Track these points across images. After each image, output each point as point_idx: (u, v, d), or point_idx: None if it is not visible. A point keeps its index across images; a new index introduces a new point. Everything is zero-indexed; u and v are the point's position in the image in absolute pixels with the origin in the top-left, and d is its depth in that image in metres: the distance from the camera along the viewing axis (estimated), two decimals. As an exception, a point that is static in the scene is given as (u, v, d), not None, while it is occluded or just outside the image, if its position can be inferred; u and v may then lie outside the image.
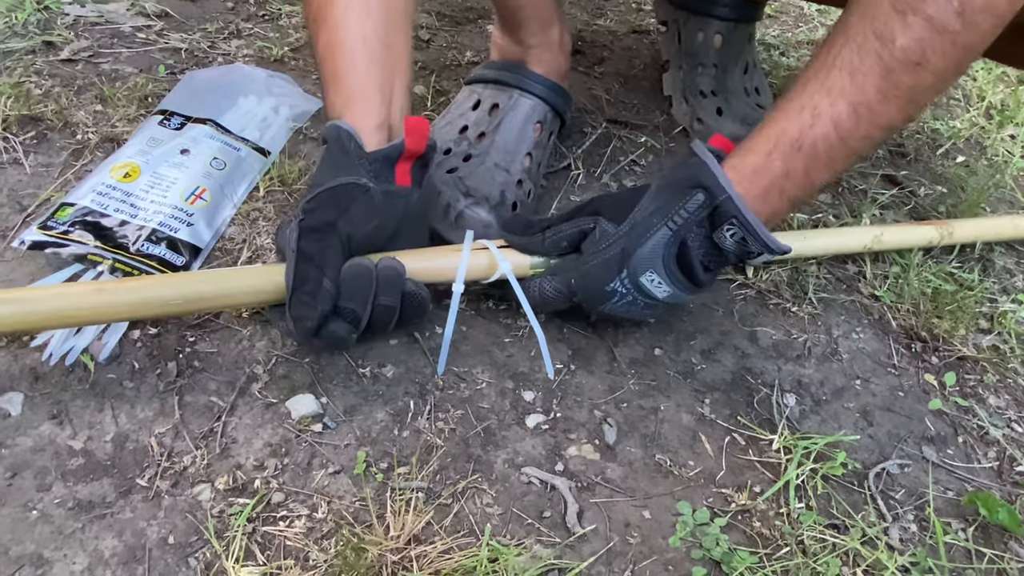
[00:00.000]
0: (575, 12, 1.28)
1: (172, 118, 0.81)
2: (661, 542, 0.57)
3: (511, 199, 0.77)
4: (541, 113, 0.82)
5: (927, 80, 0.54)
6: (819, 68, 0.57)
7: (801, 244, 0.77)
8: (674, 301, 0.64)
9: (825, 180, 0.60)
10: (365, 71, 0.63)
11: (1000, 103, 1.27)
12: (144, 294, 0.57)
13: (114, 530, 0.52)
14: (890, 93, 0.54)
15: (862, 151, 0.59)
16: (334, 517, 0.55)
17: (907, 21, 0.52)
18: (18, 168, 0.77)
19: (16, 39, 0.93)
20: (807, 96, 0.57)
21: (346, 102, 0.63)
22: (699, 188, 0.60)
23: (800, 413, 0.69)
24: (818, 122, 0.56)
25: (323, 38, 0.64)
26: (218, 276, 0.61)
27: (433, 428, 0.62)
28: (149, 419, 0.59)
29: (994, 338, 0.81)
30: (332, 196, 0.60)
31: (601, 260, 0.63)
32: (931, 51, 0.52)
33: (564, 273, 0.65)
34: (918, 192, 1.01)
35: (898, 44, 0.53)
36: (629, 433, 0.65)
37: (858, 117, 0.56)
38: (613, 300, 0.64)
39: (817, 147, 0.57)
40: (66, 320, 0.56)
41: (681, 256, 0.62)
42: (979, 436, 0.71)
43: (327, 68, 0.64)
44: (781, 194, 0.60)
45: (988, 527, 0.63)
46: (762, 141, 0.59)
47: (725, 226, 0.59)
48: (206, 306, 0.61)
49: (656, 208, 0.62)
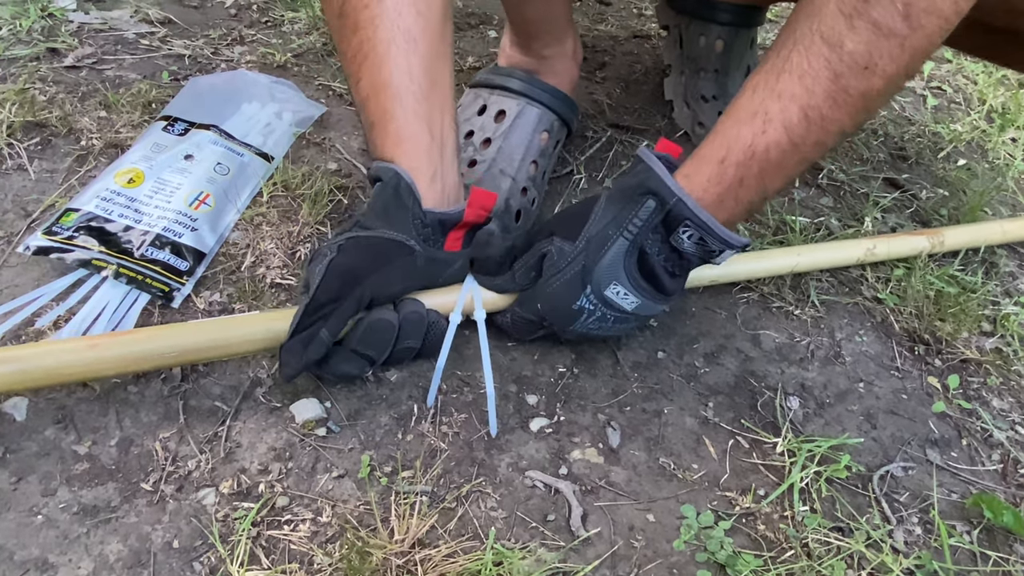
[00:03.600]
0: (576, 18, 1.28)
1: (176, 124, 0.81)
2: (665, 545, 0.57)
3: (515, 207, 0.77)
4: (548, 122, 0.83)
5: (877, 84, 0.53)
6: (769, 72, 0.56)
7: (795, 260, 0.78)
8: (645, 312, 0.63)
9: (780, 186, 0.59)
10: (414, 111, 0.61)
11: (1001, 106, 1.27)
12: (138, 348, 0.56)
13: (119, 534, 0.52)
14: (840, 98, 0.54)
15: (815, 157, 0.58)
16: (338, 521, 0.55)
17: (854, 25, 0.51)
18: (23, 174, 0.77)
19: (21, 46, 0.93)
20: (758, 101, 0.56)
21: (396, 143, 0.61)
22: (649, 194, 0.59)
23: (803, 416, 0.69)
24: (770, 128, 0.56)
25: (367, 75, 0.61)
26: (213, 326, 0.59)
27: (437, 432, 0.62)
28: (154, 424, 0.59)
29: (997, 341, 0.81)
30: (372, 248, 0.59)
31: (563, 280, 0.62)
32: (879, 55, 0.52)
33: (530, 300, 0.65)
34: (920, 195, 1.01)
35: (846, 49, 0.52)
36: (633, 436, 0.65)
37: (809, 122, 0.55)
38: (582, 318, 0.63)
39: (770, 153, 0.56)
40: (61, 378, 0.55)
41: (643, 264, 0.61)
42: (983, 439, 0.71)
43: (372, 107, 0.62)
44: (736, 201, 0.59)
45: (993, 530, 0.63)
46: (715, 148, 0.58)
47: (680, 229, 0.58)
48: (202, 357, 0.59)
49: (609, 220, 0.61)
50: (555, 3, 0.82)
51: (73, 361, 0.54)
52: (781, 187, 0.60)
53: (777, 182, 0.59)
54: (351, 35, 0.61)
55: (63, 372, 0.54)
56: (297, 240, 0.75)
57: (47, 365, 0.53)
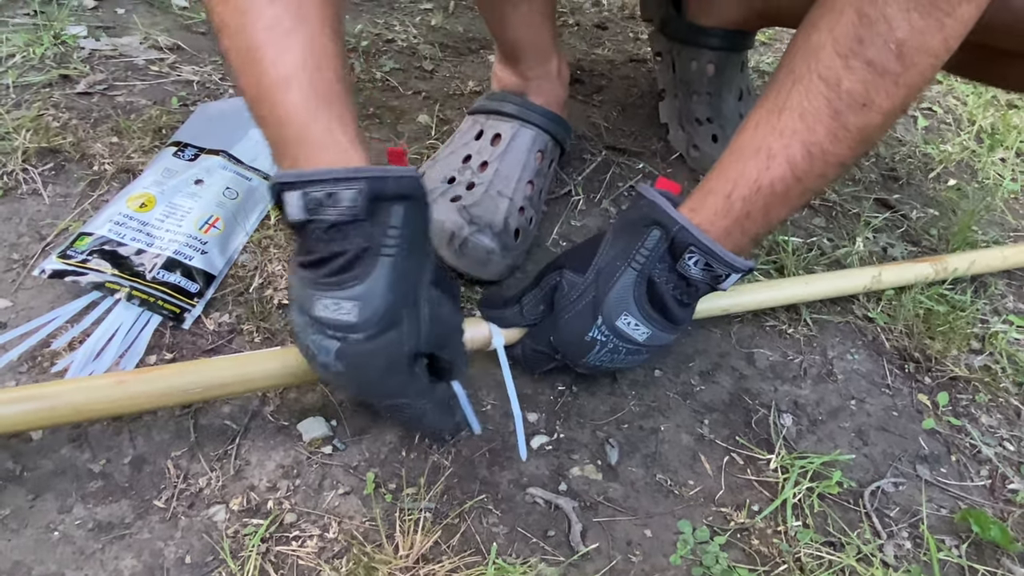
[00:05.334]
0: (574, 42, 1.32)
1: (186, 149, 0.84)
2: (662, 560, 0.59)
3: (514, 226, 0.79)
4: (542, 142, 0.85)
5: (875, 120, 0.55)
6: (771, 110, 0.58)
7: (803, 289, 0.80)
8: (656, 343, 0.64)
9: (784, 217, 0.61)
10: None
11: (990, 127, 1.30)
12: (162, 384, 0.56)
13: (133, 550, 0.54)
14: (840, 134, 0.56)
15: (818, 189, 0.60)
16: (345, 537, 0.56)
17: (850, 65, 0.53)
18: (37, 199, 0.79)
19: (34, 72, 0.96)
20: (760, 137, 0.58)
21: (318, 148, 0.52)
22: (653, 225, 0.61)
23: (797, 433, 0.71)
24: (774, 163, 0.57)
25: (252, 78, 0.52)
26: (236, 362, 0.60)
27: (440, 449, 0.64)
28: (166, 442, 0.61)
29: (986, 358, 0.83)
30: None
31: (574, 312, 0.63)
32: (875, 92, 0.54)
33: (542, 333, 0.66)
34: (910, 215, 1.04)
35: (843, 88, 0.54)
36: (630, 453, 0.66)
37: (812, 158, 0.57)
38: (595, 350, 0.63)
39: (775, 187, 0.58)
40: (89, 415, 0.55)
41: (652, 294, 0.62)
42: (972, 455, 0.73)
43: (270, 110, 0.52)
44: (743, 233, 0.60)
45: (981, 544, 0.64)
46: (721, 183, 0.60)
47: (686, 255, 0.59)
48: (226, 392, 0.59)
49: (617, 252, 0.63)
50: (537, 26, 0.84)
51: (101, 398, 0.55)
52: (785, 218, 0.62)
53: (782, 213, 0.61)
54: None
55: (92, 409, 0.55)
56: (303, 262, 0.77)
57: (75, 402, 0.54)
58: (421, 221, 0.54)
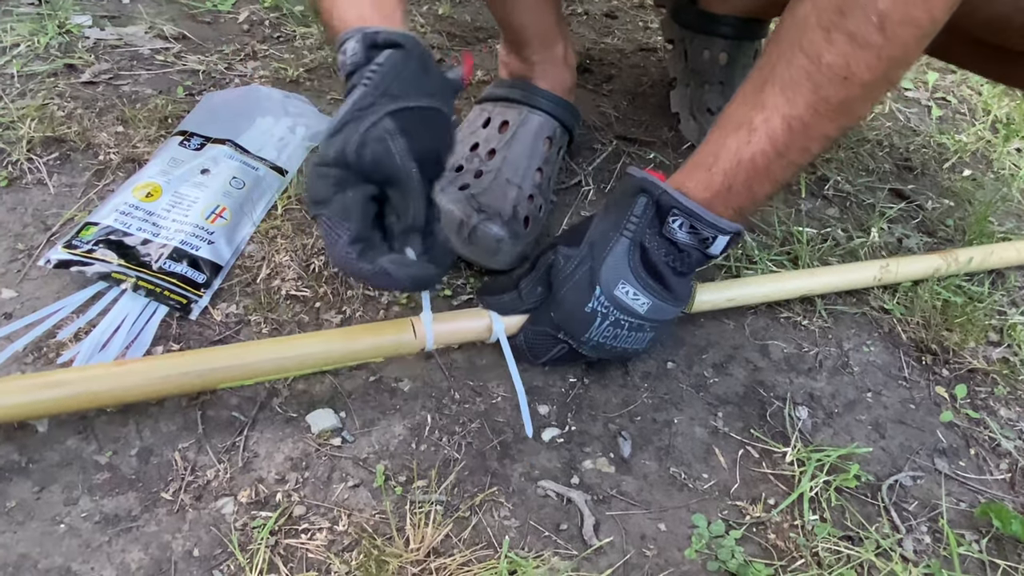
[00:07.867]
0: (583, 31, 1.30)
1: (192, 139, 0.83)
2: (677, 554, 0.58)
3: (523, 213, 0.78)
4: (550, 128, 0.84)
5: (855, 93, 0.55)
6: (756, 83, 0.59)
7: (809, 282, 0.79)
8: (658, 316, 0.64)
9: (770, 191, 0.62)
10: None
11: (1006, 117, 1.28)
12: (180, 370, 0.57)
13: (140, 543, 0.53)
14: (821, 108, 0.56)
15: (803, 162, 0.61)
16: (355, 530, 0.56)
17: (831, 37, 0.53)
18: (42, 188, 0.78)
19: (39, 62, 0.95)
20: (743, 112, 0.59)
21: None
22: (640, 193, 0.63)
23: (813, 426, 0.70)
24: (755, 137, 0.58)
25: None
26: (268, 346, 0.61)
27: (450, 441, 0.63)
28: (173, 434, 0.60)
29: (1004, 350, 0.81)
30: (425, 119, 0.57)
31: (572, 283, 0.63)
32: (856, 65, 0.53)
33: (543, 312, 0.66)
34: (925, 206, 1.02)
35: (824, 61, 0.54)
36: (643, 446, 0.65)
37: (792, 132, 0.57)
38: (596, 323, 0.63)
39: (756, 161, 0.59)
40: (113, 399, 0.57)
41: (647, 263, 0.63)
42: (991, 448, 0.72)
43: None
44: (726, 206, 0.62)
45: (1001, 538, 0.63)
46: (704, 156, 0.62)
47: (670, 218, 0.61)
48: (245, 376, 0.60)
49: (609, 223, 0.64)
50: (542, 10, 0.84)
51: (127, 384, 0.56)
52: (772, 192, 0.63)
53: (766, 187, 0.61)
54: None
55: (116, 395, 0.56)
56: (311, 253, 0.76)
57: (95, 390, 0.55)
58: (407, 66, 0.57)
